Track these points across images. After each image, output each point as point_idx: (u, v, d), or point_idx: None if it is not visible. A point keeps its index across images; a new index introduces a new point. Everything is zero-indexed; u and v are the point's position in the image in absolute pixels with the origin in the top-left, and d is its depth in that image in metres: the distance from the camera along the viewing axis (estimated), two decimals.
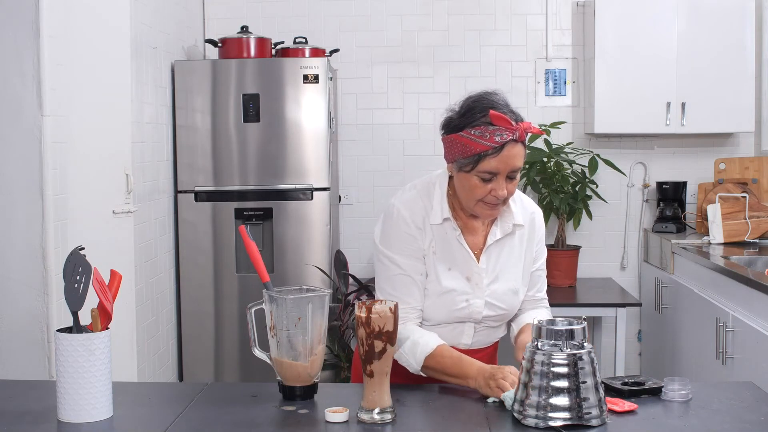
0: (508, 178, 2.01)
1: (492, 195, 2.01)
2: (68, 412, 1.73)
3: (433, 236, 2.11)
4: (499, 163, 1.98)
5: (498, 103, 2.01)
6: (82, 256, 1.76)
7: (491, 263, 2.14)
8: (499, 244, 2.15)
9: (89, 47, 2.98)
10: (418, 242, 2.10)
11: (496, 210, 2.08)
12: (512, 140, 1.97)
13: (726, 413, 1.78)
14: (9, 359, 2.68)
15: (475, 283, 2.12)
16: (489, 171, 1.99)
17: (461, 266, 2.12)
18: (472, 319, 2.13)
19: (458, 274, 2.11)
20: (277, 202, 4.20)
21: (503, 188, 2.01)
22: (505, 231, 2.15)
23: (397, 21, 4.76)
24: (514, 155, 1.98)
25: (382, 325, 1.73)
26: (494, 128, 1.96)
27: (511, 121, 1.96)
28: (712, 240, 4.20)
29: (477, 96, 2.04)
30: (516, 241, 2.18)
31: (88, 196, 2.95)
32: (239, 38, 4.29)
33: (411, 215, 2.11)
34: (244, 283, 4.22)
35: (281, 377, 1.90)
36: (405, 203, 2.13)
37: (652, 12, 4.38)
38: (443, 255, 2.11)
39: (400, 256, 2.10)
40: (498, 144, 1.96)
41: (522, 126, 1.97)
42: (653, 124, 4.41)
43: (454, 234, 2.11)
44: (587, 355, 1.68)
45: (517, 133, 1.96)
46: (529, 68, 4.75)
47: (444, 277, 2.10)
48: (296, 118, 4.17)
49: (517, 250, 2.18)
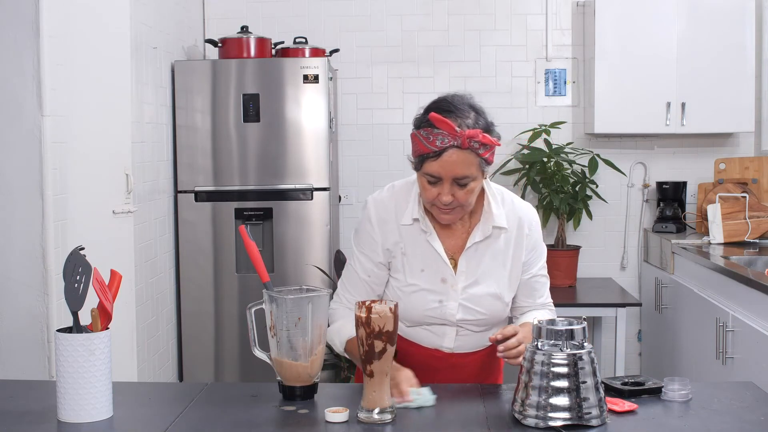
0: (458, 184, 1.98)
1: (438, 200, 2.00)
2: (68, 412, 1.73)
3: (401, 237, 2.11)
4: (440, 168, 1.95)
5: (453, 105, 1.99)
6: (82, 256, 1.76)
7: (471, 266, 2.10)
8: (481, 246, 2.11)
9: (89, 47, 2.98)
10: (376, 244, 2.12)
11: (452, 215, 2.04)
12: (454, 146, 1.93)
13: (726, 413, 1.78)
14: (9, 359, 2.68)
15: (450, 285, 2.10)
16: (431, 174, 1.97)
17: (434, 267, 2.10)
18: (448, 322, 2.11)
19: (431, 276, 2.10)
20: (277, 202, 4.20)
21: (447, 194, 1.98)
22: (485, 233, 2.10)
23: (397, 21, 4.76)
24: (455, 162, 1.94)
25: (382, 325, 1.73)
26: (438, 132, 1.94)
27: (454, 127, 1.93)
28: (712, 240, 4.20)
29: (443, 96, 2.04)
30: (501, 244, 2.12)
31: (88, 196, 2.95)
32: (239, 38, 4.29)
33: (377, 215, 2.13)
34: (244, 283, 4.22)
35: (281, 377, 1.90)
36: (375, 202, 2.16)
37: (652, 12, 4.39)
38: (414, 256, 2.11)
39: (359, 252, 2.16)
40: (438, 148, 1.94)
41: (465, 133, 1.92)
42: (653, 124, 4.41)
43: (424, 235, 2.10)
44: (587, 355, 1.68)
45: (458, 140, 1.92)
46: (529, 68, 4.75)
47: (415, 277, 2.10)
48: (296, 118, 4.17)
49: (502, 254, 2.12)
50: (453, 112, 1.97)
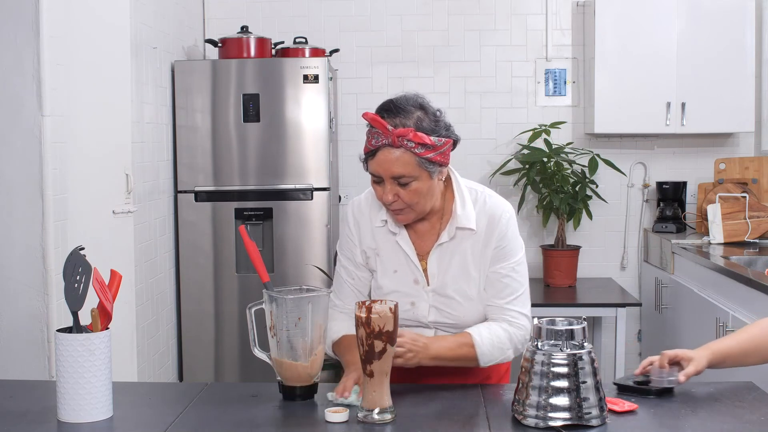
0: (399, 184, 1.98)
1: (381, 199, 2.02)
2: (68, 412, 1.73)
3: (374, 238, 2.13)
4: (377, 166, 1.97)
5: (395, 104, 1.99)
6: (82, 256, 1.76)
7: (441, 268, 2.10)
8: (448, 248, 2.10)
9: (89, 47, 2.98)
10: (355, 246, 2.16)
11: (403, 216, 2.05)
12: (386, 145, 1.94)
13: (726, 413, 1.78)
14: (9, 359, 2.68)
15: (421, 286, 2.11)
16: (372, 173, 2.00)
17: (406, 269, 2.11)
18: (422, 324, 2.11)
19: (404, 277, 2.11)
20: (277, 202, 4.20)
21: (387, 193, 1.99)
22: (450, 235, 2.09)
23: (397, 21, 4.76)
24: (389, 161, 1.95)
25: (382, 325, 1.73)
26: (375, 131, 1.97)
27: (386, 125, 1.94)
28: (712, 240, 4.20)
29: (393, 96, 2.04)
30: (470, 245, 2.10)
31: (88, 196, 2.95)
32: (239, 38, 4.29)
33: (353, 217, 2.17)
34: (244, 283, 4.22)
35: (281, 377, 1.90)
36: (353, 205, 2.20)
37: (652, 12, 4.39)
38: (387, 257, 2.13)
39: (341, 255, 2.20)
40: (373, 147, 1.96)
41: (395, 132, 1.93)
42: (653, 124, 4.41)
43: (393, 237, 2.11)
44: (587, 355, 1.68)
45: (389, 138, 1.93)
46: (529, 68, 4.75)
47: (389, 279, 2.12)
48: (296, 118, 4.17)
49: (472, 255, 2.10)
50: (392, 111, 1.98)
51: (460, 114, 4.69)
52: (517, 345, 2.08)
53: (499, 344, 2.05)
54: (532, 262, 4.73)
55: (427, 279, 2.11)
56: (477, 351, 2.02)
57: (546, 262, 4.49)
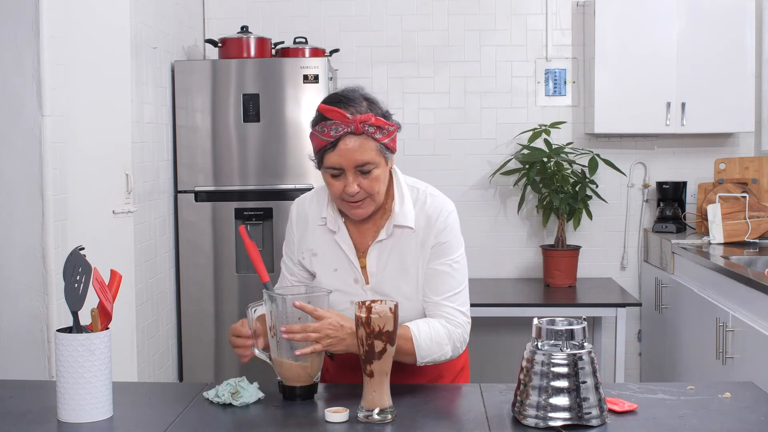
0: (361, 173, 1.98)
1: (345, 192, 1.99)
2: (68, 412, 1.73)
3: (315, 237, 2.13)
4: (339, 157, 1.96)
5: (343, 96, 2.00)
6: (82, 256, 1.76)
7: (380, 266, 2.08)
8: (387, 246, 2.08)
9: (89, 47, 2.98)
10: (294, 244, 2.17)
11: (363, 208, 2.03)
12: (348, 133, 1.94)
13: (726, 413, 1.78)
14: (9, 359, 2.68)
15: (360, 285, 2.09)
16: (332, 166, 1.98)
17: (346, 268, 2.10)
18: None
19: (344, 276, 2.10)
20: (277, 202, 4.20)
21: (351, 184, 1.98)
22: (388, 232, 2.08)
23: (397, 21, 4.76)
24: (352, 149, 1.95)
25: (382, 325, 1.73)
26: (331, 122, 1.96)
27: (345, 114, 1.94)
28: (712, 240, 4.20)
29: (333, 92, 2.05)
30: (408, 243, 2.08)
31: (88, 196, 2.95)
32: (239, 38, 4.29)
33: (296, 215, 2.18)
34: (244, 283, 4.22)
35: (281, 377, 1.90)
36: (297, 203, 2.21)
37: (652, 12, 4.39)
38: (327, 256, 2.12)
39: (284, 252, 2.21)
40: (333, 138, 1.95)
41: (357, 118, 1.93)
42: (653, 124, 4.41)
43: (333, 235, 2.11)
44: (587, 355, 1.68)
45: (351, 126, 1.94)
46: (529, 68, 4.75)
47: (329, 278, 2.11)
48: (296, 118, 4.17)
49: (410, 253, 2.07)
50: (343, 102, 1.99)
51: (460, 114, 4.68)
52: (456, 343, 2.04)
53: (437, 339, 2.00)
54: (532, 262, 4.73)
55: (366, 278, 2.09)
56: (414, 344, 1.97)
57: (546, 262, 4.49)
